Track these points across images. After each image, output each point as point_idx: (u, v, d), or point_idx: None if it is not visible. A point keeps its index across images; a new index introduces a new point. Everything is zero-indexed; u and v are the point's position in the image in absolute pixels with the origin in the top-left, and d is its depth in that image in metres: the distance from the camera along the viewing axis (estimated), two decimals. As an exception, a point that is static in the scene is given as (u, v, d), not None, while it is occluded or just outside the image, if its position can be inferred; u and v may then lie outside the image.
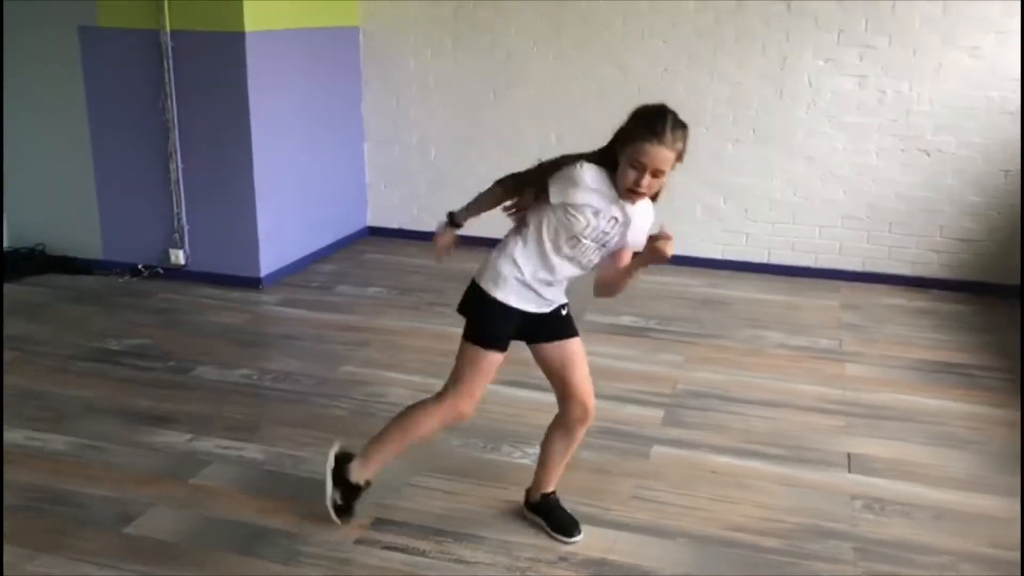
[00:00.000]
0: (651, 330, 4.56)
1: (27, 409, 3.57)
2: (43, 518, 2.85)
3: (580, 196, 2.46)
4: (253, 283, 5.08)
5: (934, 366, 4.19)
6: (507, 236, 2.67)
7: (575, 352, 2.69)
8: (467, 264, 5.12)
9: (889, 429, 3.54)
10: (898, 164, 5.19)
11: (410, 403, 2.82)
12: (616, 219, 2.50)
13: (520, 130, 5.66)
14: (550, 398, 2.81)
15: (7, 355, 4.06)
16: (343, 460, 2.77)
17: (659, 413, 3.63)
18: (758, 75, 5.28)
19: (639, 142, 2.38)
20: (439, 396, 2.70)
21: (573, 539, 2.78)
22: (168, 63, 4.82)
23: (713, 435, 3.46)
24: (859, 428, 3.54)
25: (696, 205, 5.58)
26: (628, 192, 2.44)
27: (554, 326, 2.67)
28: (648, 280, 5.32)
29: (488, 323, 2.60)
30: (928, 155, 5.13)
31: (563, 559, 2.70)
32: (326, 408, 3.65)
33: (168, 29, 4.76)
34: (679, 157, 2.43)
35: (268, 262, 5.13)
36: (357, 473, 2.75)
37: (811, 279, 5.44)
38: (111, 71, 4.97)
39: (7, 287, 4.97)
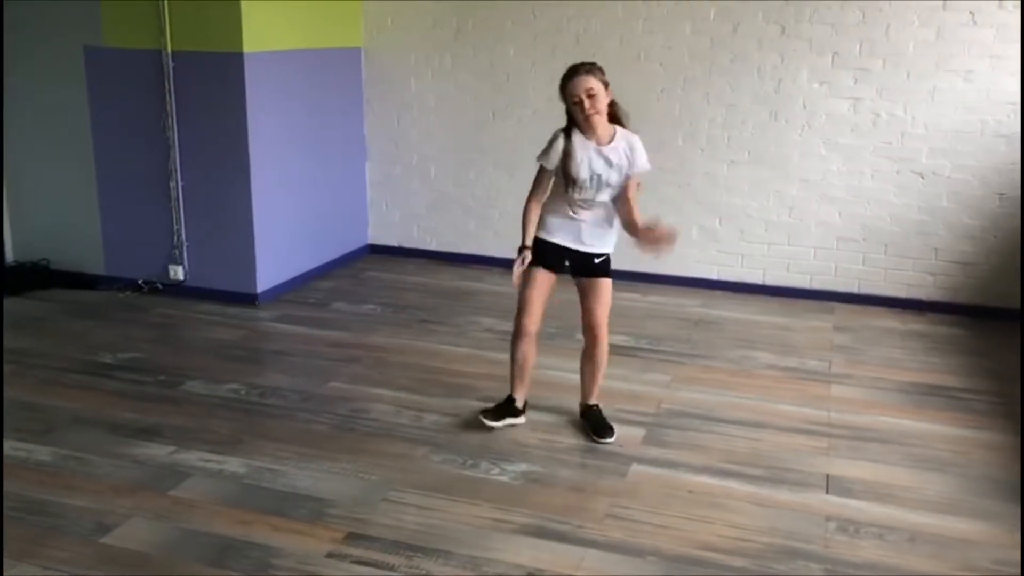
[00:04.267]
0: (641, 350, 4.57)
1: (16, 420, 3.63)
2: (22, 527, 2.90)
3: (558, 153, 3.36)
4: (250, 299, 5.14)
5: (923, 388, 4.17)
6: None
7: (595, 289, 3.48)
8: (461, 282, 5.27)
9: (871, 451, 3.53)
10: (893, 186, 5.20)
11: (392, 419, 3.61)
12: (604, 160, 3.33)
13: (518, 150, 5.70)
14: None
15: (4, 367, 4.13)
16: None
17: (640, 432, 3.64)
18: (753, 97, 5.30)
19: (567, 86, 3.30)
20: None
21: (605, 440, 3.52)
22: (169, 83, 4.91)
23: (692, 455, 3.46)
24: (841, 450, 3.53)
25: (692, 226, 5.60)
26: (585, 120, 3.29)
27: (587, 266, 3.49)
28: (643, 300, 5.36)
29: (536, 253, 3.47)
30: (923, 178, 5.13)
31: (531, 575, 2.71)
32: (308, 423, 3.68)
33: (170, 50, 4.86)
34: (603, 81, 3.30)
35: (265, 279, 5.20)
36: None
37: (806, 300, 5.43)
38: (114, 90, 5.07)
39: (10, 301, 5.06)
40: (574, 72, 3.28)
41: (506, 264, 5.62)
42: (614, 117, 3.42)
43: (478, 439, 3.55)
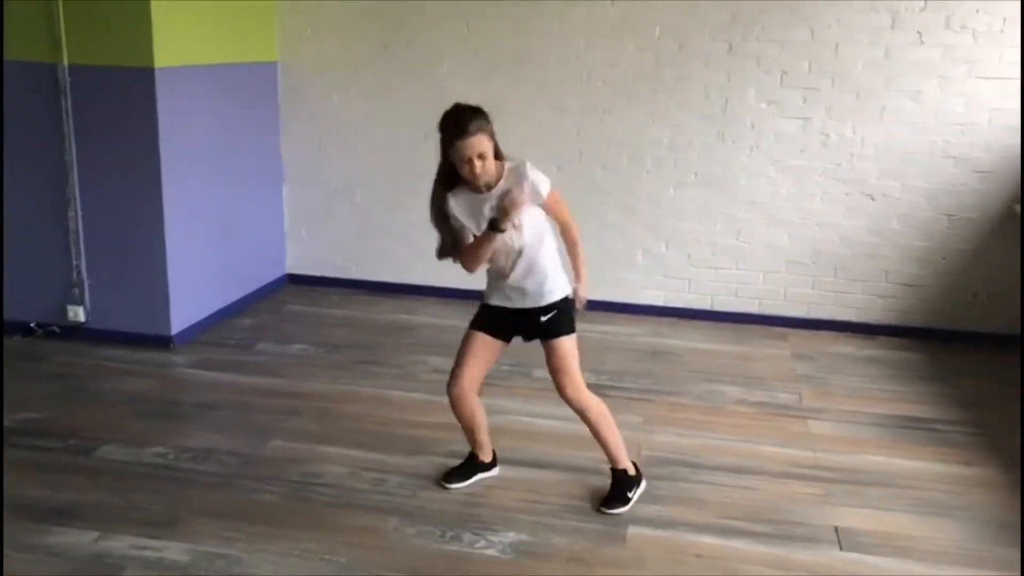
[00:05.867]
0: (604, 387, 4.27)
1: None
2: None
3: (458, 218, 2.95)
4: (163, 342, 4.59)
5: (896, 421, 4.02)
6: None
7: (553, 353, 3.06)
8: (395, 315, 4.91)
9: (870, 497, 3.32)
10: (843, 208, 5.09)
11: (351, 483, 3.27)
12: (493, 207, 2.87)
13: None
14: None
15: None
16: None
17: (628, 486, 3.33)
18: (700, 117, 5.11)
19: (454, 144, 2.80)
20: None
21: (609, 511, 3.15)
22: (66, 101, 4.34)
23: (690, 511, 3.17)
24: (839, 496, 3.32)
25: (637, 251, 5.36)
26: (475, 182, 2.86)
27: (534, 328, 3.07)
28: (592, 329, 5.07)
29: (477, 314, 3.14)
30: (873, 199, 5.04)
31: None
32: (255, 493, 3.22)
33: (66, 63, 4.29)
34: (491, 137, 2.84)
35: (180, 318, 4.65)
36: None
37: (756, 326, 5.27)
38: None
39: None
40: (462, 128, 2.76)
41: (440, 294, 5.27)
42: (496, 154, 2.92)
43: (454, 504, 3.17)
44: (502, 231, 2.83)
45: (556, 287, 3.01)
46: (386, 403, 4.02)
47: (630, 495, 3.19)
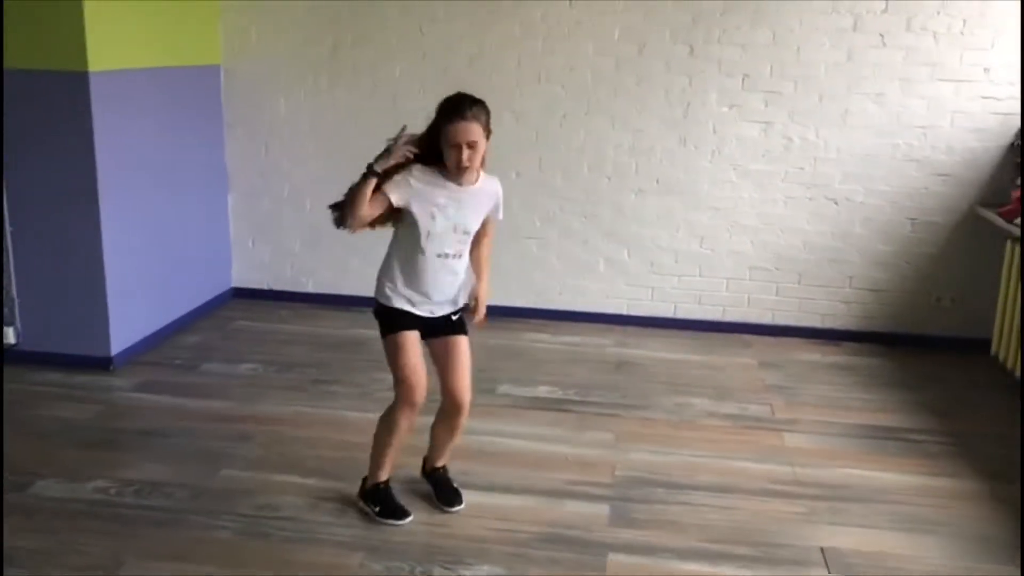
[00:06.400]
0: (571, 402, 4.12)
1: None
2: None
3: (416, 193, 2.79)
4: (102, 364, 4.31)
5: (869, 431, 3.94)
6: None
7: (453, 348, 2.97)
8: (349, 330, 4.73)
9: (853, 514, 3.21)
10: (806, 213, 5.01)
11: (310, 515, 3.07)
12: (456, 200, 2.83)
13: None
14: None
15: None
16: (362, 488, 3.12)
17: (604, 509, 3.17)
18: (661, 122, 4.99)
19: (448, 126, 2.72)
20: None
21: (454, 508, 3.11)
22: (-8, 107, 4.04)
23: (670, 535, 3.02)
24: (822, 514, 3.20)
25: (599, 258, 5.22)
26: (458, 170, 2.77)
27: (442, 326, 2.98)
28: (555, 340, 4.94)
29: (392, 321, 2.95)
30: (836, 204, 4.97)
31: None
32: (207, 530, 2.98)
33: (-9, 67, 4.00)
34: (487, 131, 2.78)
35: (119, 337, 4.38)
36: (372, 480, 3.08)
37: (719, 334, 5.17)
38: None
39: None
40: (459, 112, 2.72)
41: None
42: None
43: (421, 535, 2.97)
44: (377, 174, 2.74)
45: (467, 287, 3.05)
46: (343, 426, 3.80)
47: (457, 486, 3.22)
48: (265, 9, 5.12)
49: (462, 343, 2.98)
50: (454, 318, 3.00)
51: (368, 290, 3.06)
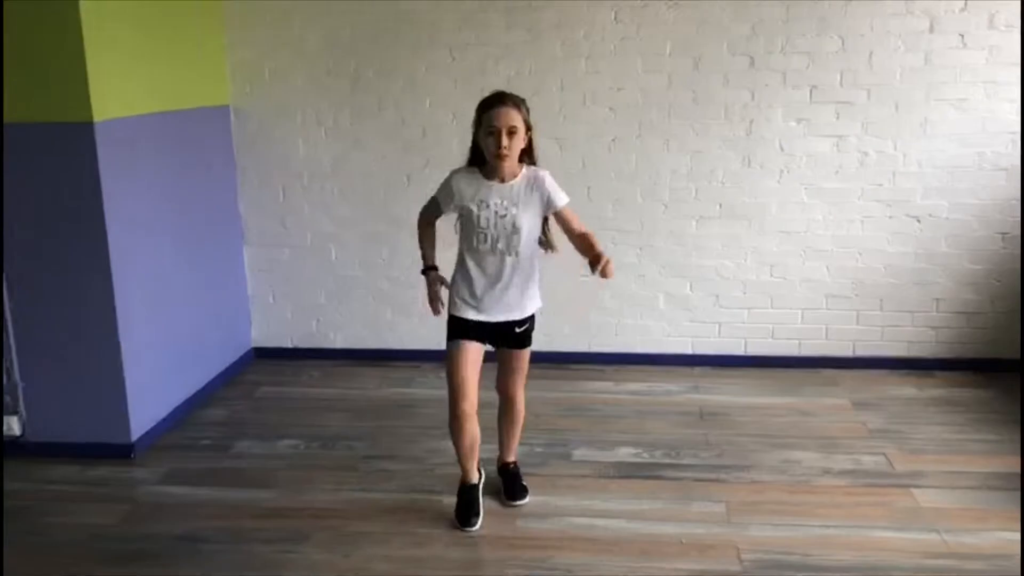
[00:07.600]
0: (662, 466, 3.62)
1: None
2: None
3: (458, 193, 2.96)
4: (123, 452, 3.78)
5: (1005, 481, 3.47)
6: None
7: (513, 359, 3.14)
8: (389, 390, 4.41)
9: (1034, 593, 2.74)
10: (886, 233, 4.56)
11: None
12: (499, 194, 2.91)
13: (444, 219, 4.65)
14: None
15: None
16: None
17: (745, 608, 2.68)
18: (722, 141, 4.53)
19: (485, 114, 2.83)
20: None
21: (518, 502, 3.26)
22: (-17, 167, 3.52)
23: (834, 638, 2.53)
24: (998, 596, 2.72)
25: (658, 294, 4.75)
26: (496, 158, 2.82)
27: (508, 337, 3.09)
28: (620, 391, 4.47)
29: (451, 328, 3.07)
30: (919, 221, 4.52)
31: None
32: (282, 671, 2.46)
33: (-16, 122, 3.48)
34: (527, 123, 2.87)
35: (140, 419, 3.85)
36: (462, 479, 3.22)
37: (796, 369, 4.70)
38: None
39: None
40: (499, 100, 2.85)
41: (438, 357, 4.19)
42: (524, 155, 2.98)
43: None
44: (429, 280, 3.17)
45: (535, 300, 3.10)
46: (408, 514, 3.28)
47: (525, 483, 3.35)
48: (276, 42, 4.63)
49: (521, 356, 3.13)
50: (518, 330, 3.06)
51: (403, 343, 2.80)
